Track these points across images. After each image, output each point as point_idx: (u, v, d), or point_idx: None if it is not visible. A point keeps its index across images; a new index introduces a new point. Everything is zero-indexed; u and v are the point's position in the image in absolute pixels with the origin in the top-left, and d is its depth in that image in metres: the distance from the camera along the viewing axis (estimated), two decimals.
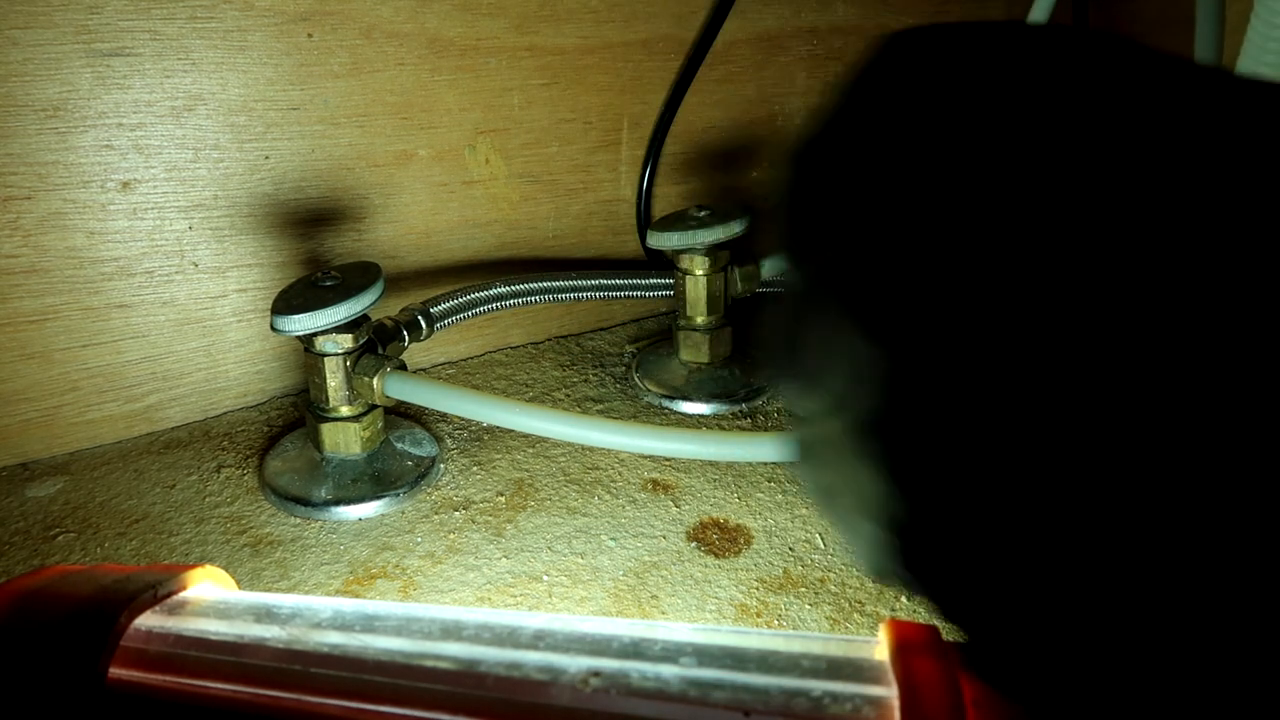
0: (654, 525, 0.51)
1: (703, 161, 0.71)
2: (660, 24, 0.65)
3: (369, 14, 0.56)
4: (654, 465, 0.56)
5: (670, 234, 0.59)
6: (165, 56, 0.51)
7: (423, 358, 0.67)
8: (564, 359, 0.69)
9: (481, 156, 0.63)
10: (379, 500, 0.52)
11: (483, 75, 0.61)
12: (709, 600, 0.45)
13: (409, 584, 0.47)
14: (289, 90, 0.55)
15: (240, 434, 0.59)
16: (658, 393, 0.63)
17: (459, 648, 0.26)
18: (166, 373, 0.58)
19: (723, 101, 0.70)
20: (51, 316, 0.53)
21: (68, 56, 0.49)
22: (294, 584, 0.47)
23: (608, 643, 0.26)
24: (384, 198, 0.61)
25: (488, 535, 0.50)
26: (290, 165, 0.57)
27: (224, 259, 0.57)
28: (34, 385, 0.54)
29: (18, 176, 0.50)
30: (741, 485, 0.54)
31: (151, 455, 0.57)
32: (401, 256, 0.63)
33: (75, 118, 0.50)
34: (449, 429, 0.60)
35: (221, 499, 0.53)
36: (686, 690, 0.24)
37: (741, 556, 0.49)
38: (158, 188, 0.54)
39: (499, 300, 0.61)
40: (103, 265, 0.54)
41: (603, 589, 0.46)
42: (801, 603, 0.45)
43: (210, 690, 0.26)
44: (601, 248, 0.71)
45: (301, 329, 0.49)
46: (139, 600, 0.28)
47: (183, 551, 0.49)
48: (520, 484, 0.54)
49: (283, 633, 0.28)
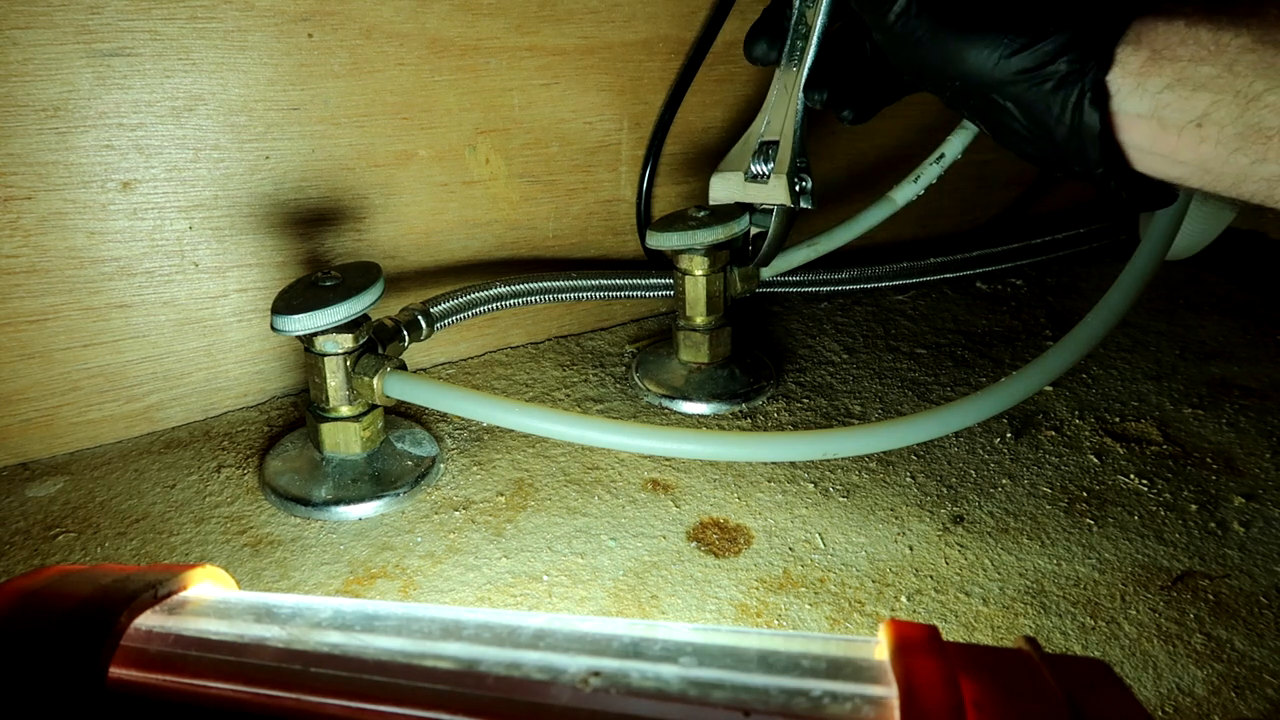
0: (654, 525, 0.51)
1: (703, 161, 0.71)
2: (660, 24, 0.65)
3: (369, 14, 0.56)
4: (654, 465, 0.56)
5: (670, 234, 0.59)
6: (165, 56, 0.51)
7: (423, 358, 0.67)
8: (564, 359, 0.69)
9: (482, 157, 0.63)
10: (379, 500, 0.52)
11: (483, 75, 0.61)
12: (709, 600, 0.45)
13: (409, 584, 0.47)
14: (289, 90, 0.55)
15: (240, 434, 0.59)
16: (658, 393, 0.63)
17: (459, 647, 0.26)
18: (167, 373, 0.58)
19: (723, 101, 0.70)
20: (52, 316, 0.53)
21: (68, 57, 0.49)
22: (294, 584, 0.47)
23: (608, 642, 0.26)
24: (384, 198, 0.61)
25: (488, 535, 0.50)
26: (290, 165, 0.57)
27: (224, 259, 0.57)
28: (34, 385, 0.54)
29: (18, 176, 0.50)
30: (741, 485, 0.54)
31: (152, 455, 0.57)
32: (401, 256, 0.63)
33: (75, 118, 0.50)
34: (449, 429, 0.60)
35: (222, 499, 0.53)
36: (686, 690, 0.24)
37: (741, 556, 0.49)
38: (158, 188, 0.54)
39: (499, 300, 0.61)
40: (103, 265, 0.54)
41: (603, 589, 0.46)
42: (801, 603, 0.45)
43: (210, 690, 0.26)
44: (601, 248, 0.71)
45: (302, 329, 0.49)
46: (139, 600, 0.28)
47: (183, 551, 0.49)
48: (520, 484, 0.54)
49: (283, 632, 0.28)
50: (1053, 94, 0.36)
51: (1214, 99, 0.34)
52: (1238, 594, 0.46)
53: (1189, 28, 0.34)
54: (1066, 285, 0.81)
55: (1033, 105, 0.37)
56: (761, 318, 0.74)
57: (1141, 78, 0.35)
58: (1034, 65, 0.37)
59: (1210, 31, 0.34)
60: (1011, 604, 0.45)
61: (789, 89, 0.50)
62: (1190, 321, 0.74)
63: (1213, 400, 0.63)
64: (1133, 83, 0.35)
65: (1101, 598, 0.46)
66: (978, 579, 0.47)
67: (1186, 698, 0.40)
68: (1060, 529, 0.50)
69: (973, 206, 0.88)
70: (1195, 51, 0.34)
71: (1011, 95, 0.38)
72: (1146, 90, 0.35)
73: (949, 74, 0.39)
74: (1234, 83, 0.33)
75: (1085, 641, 0.43)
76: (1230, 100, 0.33)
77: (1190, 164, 0.35)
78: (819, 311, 0.76)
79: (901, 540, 0.50)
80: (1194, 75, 0.34)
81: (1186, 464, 0.56)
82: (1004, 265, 0.82)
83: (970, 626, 0.44)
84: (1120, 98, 0.36)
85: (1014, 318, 0.75)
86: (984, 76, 0.38)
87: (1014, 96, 0.38)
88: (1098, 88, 0.35)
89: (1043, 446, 0.58)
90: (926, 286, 0.80)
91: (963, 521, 0.51)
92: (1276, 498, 0.53)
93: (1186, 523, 0.51)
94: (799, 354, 0.69)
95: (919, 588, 0.46)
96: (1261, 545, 0.49)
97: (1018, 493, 0.53)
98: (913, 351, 0.69)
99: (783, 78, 0.50)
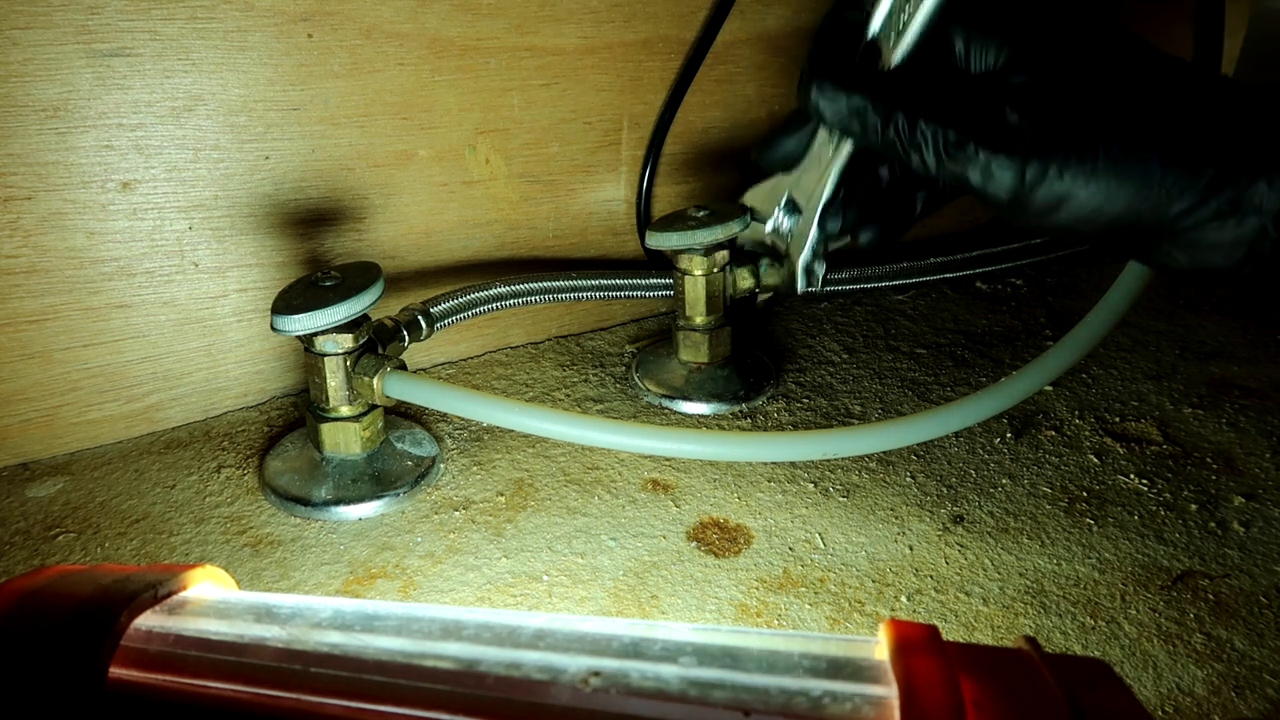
0: (654, 525, 0.51)
1: (703, 161, 0.71)
2: (660, 24, 0.65)
3: (369, 14, 0.56)
4: (654, 465, 0.56)
5: (669, 234, 0.59)
6: (165, 57, 0.51)
7: (423, 358, 0.67)
8: (564, 359, 0.69)
9: (481, 157, 0.63)
10: (379, 500, 0.52)
11: (483, 75, 0.61)
12: (709, 600, 0.45)
13: (409, 584, 0.47)
14: (289, 90, 0.55)
15: (240, 434, 0.59)
16: (658, 393, 0.63)
17: (459, 647, 0.26)
18: (167, 373, 0.58)
19: (723, 101, 0.70)
20: (52, 316, 0.53)
21: (68, 57, 0.49)
22: (294, 584, 0.47)
23: (608, 642, 0.26)
24: (384, 198, 0.61)
25: (488, 535, 0.50)
26: (290, 165, 0.57)
27: (224, 259, 0.57)
28: (34, 385, 0.54)
29: (18, 176, 0.50)
30: (741, 485, 0.54)
31: (152, 455, 0.57)
32: (401, 256, 0.63)
33: (75, 118, 0.50)
34: (449, 429, 0.60)
35: (222, 499, 0.53)
36: (686, 690, 0.24)
37: (741, 556, 0.49)
38: (158, 188, 0.54)
39: (499, 300, 0.61)
40: (103, 265, 0.54)
41: (603, 589, 0.46)
42: (801, 603, 0.45)
43: (210, 690, 0.26)
44: (601, 248, 0.71)
45: (302, 329, 0.49)
46: (139, 600, 0.28)
47: (183, 551, 0.49)
48: (520, 484, 0.54)
49: (283, 632, 0.28)
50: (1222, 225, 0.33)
51: None
52: (1238, 594, 0.46)
53: None
54: (1066, 285, 0.81)
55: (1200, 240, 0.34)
56: (761, 318, 0.74)
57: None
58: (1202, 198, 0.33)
59: None
60: (1011, 604, 0.45)
61: (826, 158, 0.45)
62: (1190, 321, 0.74)
63: (1213, 400, 0.63)
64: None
65: (1101, 598, 0.46)
66: (978, 579, 0.47)
67: (1186, 697, 0.40)
68: (1060, 529, 0.50)
69: (973, 206, 0.88)
70: None
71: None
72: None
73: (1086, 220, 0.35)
74: None
75: (1085, 641, 0.43)
76: None
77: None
78: (819, 311, 0.76)
79: (901, 540, 0.50)
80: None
81: (1186, 464, 0.56)
82: (1004, 265, 0.82)
83: (970, 626, 0.44)
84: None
85: (1014, 318, 0.75)
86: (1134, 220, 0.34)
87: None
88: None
89: (1043, 446, 0.58)
90: (926, 286, 0.80)
91: (963, 521, 0.51)
92: (1276, 498, 0.53)
93: (1186, 523, 0.51)
94: (799, 354, 0.69)
95: (919, 587, 0.46)
96: (1261, 545, 0.49)
97: (1018, 493, 0.53)
98: (913, 351, 0.69)
99: (826, 141, 0.45)
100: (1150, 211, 0.34)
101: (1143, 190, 0.33)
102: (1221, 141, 0.33)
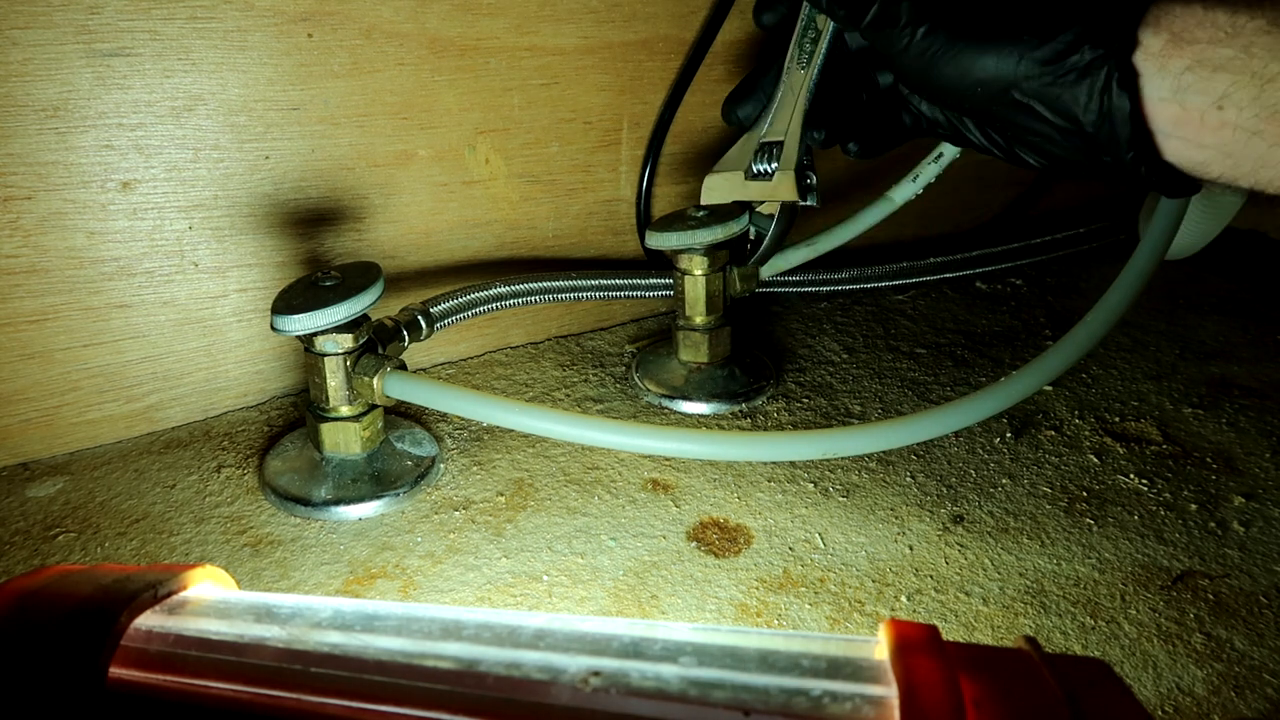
0: (654, 525, 0.51)
1: (703, 161, 0.71)
2: (660, 24, 0.65)
3: (369, 14, 0.56)
4: (654, 465, 0.56)
5: (669, 234, 0.59)
6: (165, 56, 0.51)
7: (423, 358, 0.67)
8: (564, 359, 0.69)
9: (481, 156, 0.63)
10: (379, 500, 0.52)
11: (483, 75, 0.61)
12: (709, 600, 0.45)
13: (409, 584, 0.47)
14: (289, 90, 0.55)
15: (240, 434, 0.59)
16: (658, 393, 0.63)
17: (459, 647, 0.26)
18: (167, 373, 0.58)
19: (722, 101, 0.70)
20: (52, 316, 0.53)
21: (68, 57, 0.49)
22: (294, 584, 0.47)
23: (608, 642, 0.26)
24: (384, 198, 0.61)
25: (488, 535, 0.50)
26: (290, 165, 0.57)
27: (224, 259, 0.57)
28: (34, 385, 0.54)
29: (18, 176, 0.50)
30: (741, 485, 0.54)
31: (152, 455, 0.57)
32: (401, 256, 0.63)
33: (75, 118, 0.50)
34: (449, 429, 0.60)
35: (222, 499, 0.53)
36: (686, 690, 0.24)
37: (741, 556, 0.49)
38: (158, 188, 0.54)
39: (499, 300, 0.61)
40: (103, 265, 0.54)
41: (603, 589, 0.46)
42: (801, 602, 0.45)
43: (210, 690, 0.26)
44: (601, 248, 0.71)
45: (301, 329, 0.49)
46: (139, 600, 0.28)
47: (183, 551, 0.49)
48: (520, 484, 0.54)
49: (283, 632, 0.28)
50: (1079, 82, 0.37)
51: (1232, 80, 0.34)
52: (1238, 593, 0.46)
53: (1206, 11, 0.35)
54: (1066, 285, 0.81)
55: (1059, 98, 0.38)
56: (761, 318, 0.75)
57: (1163, 59, 0.35)
58: (1056, 56, 0.37)
59: (1227, 14, 0.34)
60: (1011, 604, 0.45)
61: (795, 90, 0.50)
62: (1190, 321, 0.74)
63: (1213, 400, 0.63)
64: (1155, 65, 0.36)
65: (1101, 597, 0.46)
66: (978, 579, 0.47)
67: (1186, 697, 0.40)
68: (1060, 529, 0.50)
69: (973, 206, 0.88)
70: (1213, 34, 0.35)
71: (1036, 92, 0.38)
72: (1168, 72, 0.35)
73: (969, 83, 0.40)
74: (1250, 64, 0.34)
75: (1085, 641, 0.43)
76: (1248, 81, 0.34)
77: (1213, 148, 0.36)
78: (819, 311, 0.76)
79: (901, 540, 0.50)
80: (1212, 57, 0.34)
81: (1186, 464, 0.56)
82: (1004, 265, 0.82)
83: (970, 626, 0.44)
84: (1144, 80, 0.36)
85: (1014, 317, 0.75)
86: (1007, 77, 0.38)
87: (1038, 92, 0.38)
88: (1125, 69, 0.36)
89: (1042, 446, 0.58)
90: (926, 286, 0.80)
91: (963, 521, 0.51)
92: (1276, 498, 0.53)
93: (1186, 522, 0.51)
94: (799, 354, 0.69)
95: (919, 587, 0.46)
96: (1261, 545, 0.49)
97: (1018, 492, 0.53)
98: (913, 351, 0.69)
99: (789, 79, 0.50)
100: (1013, 72, 0.39)
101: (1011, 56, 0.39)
102: (1068, 14, 0.38)
